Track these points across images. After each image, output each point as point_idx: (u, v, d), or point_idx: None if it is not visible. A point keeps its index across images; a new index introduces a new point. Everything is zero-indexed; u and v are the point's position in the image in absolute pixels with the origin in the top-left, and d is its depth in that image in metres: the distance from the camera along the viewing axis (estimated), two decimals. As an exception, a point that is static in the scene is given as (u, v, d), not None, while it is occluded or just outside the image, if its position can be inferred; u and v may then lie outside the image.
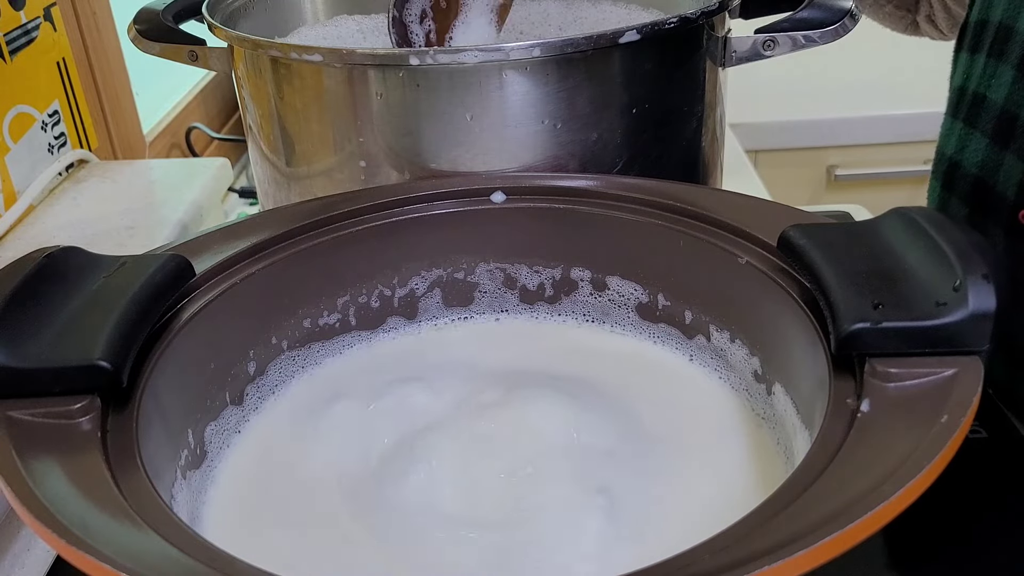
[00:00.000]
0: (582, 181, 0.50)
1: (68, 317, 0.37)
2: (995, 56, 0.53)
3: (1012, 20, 0.52)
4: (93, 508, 0.30)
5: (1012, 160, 0.51)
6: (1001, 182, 0.52)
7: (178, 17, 0.64)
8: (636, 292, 0.50)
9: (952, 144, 0.57)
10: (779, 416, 0.42)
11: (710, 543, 0.28)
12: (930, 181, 0.61)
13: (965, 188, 0.55)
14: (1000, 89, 0.52)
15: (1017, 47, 0.51)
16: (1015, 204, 0.51)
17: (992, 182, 0.53)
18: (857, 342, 0.33)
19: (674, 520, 0.39)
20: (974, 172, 0.54)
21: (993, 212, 0.53)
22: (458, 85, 0.50)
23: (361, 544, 0.38)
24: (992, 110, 0.53)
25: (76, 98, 0.80)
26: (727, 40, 0.57)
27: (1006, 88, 0.52)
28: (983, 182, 0.53)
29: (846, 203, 0.89)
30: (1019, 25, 0.51)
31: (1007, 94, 0.52)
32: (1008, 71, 0.52)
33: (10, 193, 0.71)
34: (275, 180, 0.59)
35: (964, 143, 0.56)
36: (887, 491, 0.28)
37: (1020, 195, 0.50)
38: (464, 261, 0.51)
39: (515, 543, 0.38)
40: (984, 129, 0.54)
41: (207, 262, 0.44)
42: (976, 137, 0.54)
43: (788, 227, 0.40)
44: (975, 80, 0.55)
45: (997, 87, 0.53)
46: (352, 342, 0.50)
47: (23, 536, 0.50)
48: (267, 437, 0.45)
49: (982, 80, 0.54)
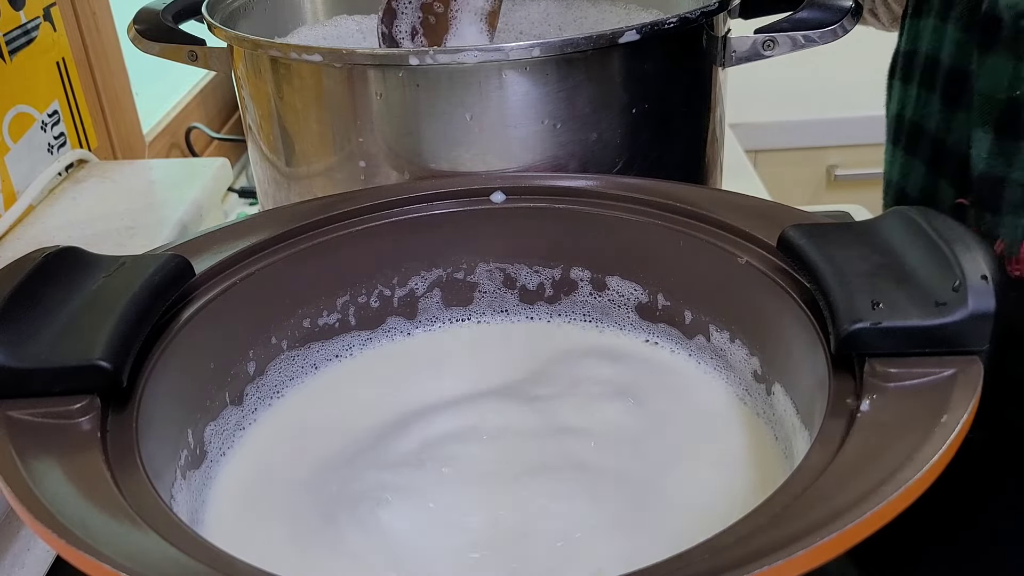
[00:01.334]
0: (582, 181, 0.50)
1: (68, 317, 0.37)
2: (925, 87, 0.56)
3: (936, 52, 0.54)
4: (93, 508, 0.30)
5: (945, 186, 0.54)
6: (939, 208, 0.54)
7: (178, 17, 0.64)
8: (636, 292, 0.50)
9: (896, 172, 0.60)
10: (779, 416, 0.42)
11: (710, 543, 0.28)
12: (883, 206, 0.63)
13: None
14: (931, 119, 0.55)
15: (941, 77, 0.53)
16: None
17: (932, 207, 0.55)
18: (857, 342, 0.33)
19: (674, 520, 0.39)
20: (916, 197, 0.57)
21: None
22: (458, 85, 0.50)
23: (361, 544, 0.38)
24: (926, 138, 0.56)
25: (76, 98, 0.80)
26: (727, 40, 0.57)
27: (935, 118, 0.54)
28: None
29: (846, 203, 0.89)
30: (942, 56, 0.53)
31: (936, 124, 0.54)
32: (936, 101, 0.54)
33: (10, 193, 0.71)
34: (275, 180, 0.59)
35: (906, 171, 0.58)
36: (887, 491, 0.28)
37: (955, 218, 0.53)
38: (464, 261, 0.51)
39: (515, 544, 0.38)
40: (923, 158, 0.56)
41: (207, 262, 0.44)
42: (916, 165, 0.57)
43: (788, 227, 0.40)
44: (911, 109, 0.57)
45: (929, 116, 0.55)
46: (352, 342, 0.50)
47: (23, 536, 0.50)
48: (267, 437, 0.45)
49: (916, 109, 0.57)
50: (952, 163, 0.53)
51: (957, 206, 0.52)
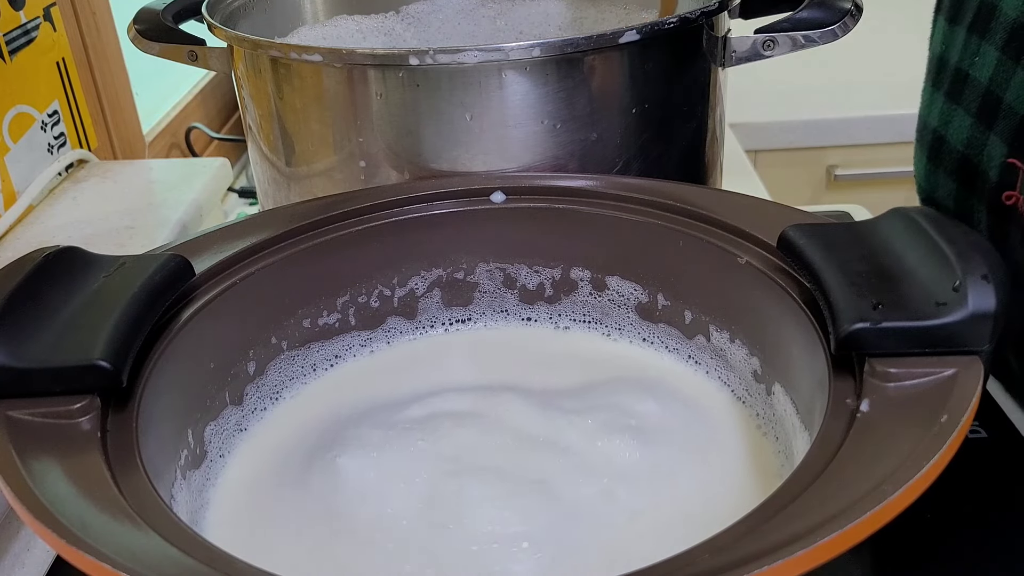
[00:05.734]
0: (582, 181, 0.50)
1: (68, 317, 0.37)
2: (977, 33, 0.53)
3: None
4: (93, 508, 0.30)
5: (996, 141, 0.51)
6: (985, 162, 0.52)
7: (178, 17, 0.64)
8: (636, 292, 0.50)
9: (935, 116, 0.57)
10: (779, 416, 0.42)
11: (710, 543, 0.28)
12: (915, 148, 0.60)
13: (951, 164, 0.55)
14: (984, 69, 0.52)
15: (1001, 27, 0.51)
16: (998, 185, 0.51)
17: (977, 161, 0.53)
18: (857, 342, 0.33)
19: (674, 520, 0.39)
20: (959, 149, 0.54)
21: (978, 190, 0.53)
22: (458, 85, 0.50)
23: (360, 544, 0.38)
24: (976, 89, 0.53)
25: (76, 98, 0.80)
26: (727, 40, 0.57)
27: (990, 69, 0.51)
28: (968, 160, 0.53)
29: (846, 203, 0.88)
30: (1003, 5, 0.50)
31: (991, 75, 0.51)
32: (992, 51, 0.51)
33: (10, 193, 0.71)
34: (275, 180, 0.59)
35: (948, 118, 0.55)
36: (887, 491, 0.28)
37: (1003, 176, 0.50)
38: (464, 261, 0.51)
39: (514, 543, 0.37)
40: (968, 107, 0.53)
41: (207, 262, 0.44)
42: (960, 114, 0.54)
43: (788, 227, 0.40)
44: (956, 53, 0.55)
45: (981, 66, 0.52)
46: (352, 342, 0.50)
47: (23, 536, 0.50)
48: (266, 436, 0.45)
49: (964, 56, 0.54)
50: (1009, 120, 0.50)
51: (1008, 165, 0.50)
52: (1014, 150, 0.49)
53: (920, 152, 0.60)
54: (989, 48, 0.52)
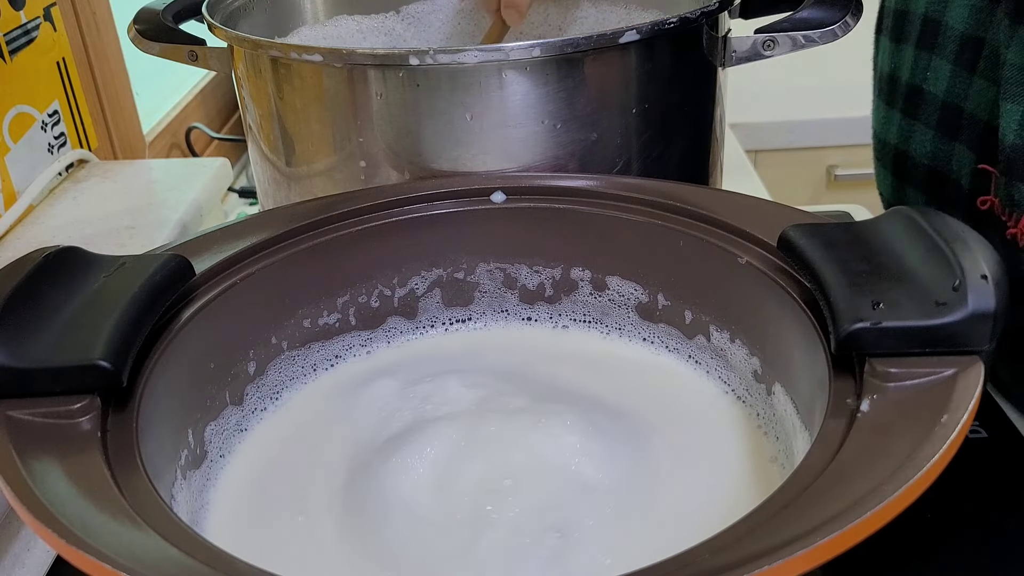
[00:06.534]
0: (582, 181, 0.50)
1: (68, 317, 0.37)
2: (926, 49, 0.53)
3: (939, 14, 0.52)
4: (93, 508, 0.30)
5: (962, 150, 0.52)
6: (955, 171, 0.52)
7: (178, 17, 0.64)
8: (636, 292, 0.50)
9: (894, 134, 0.57)
10: (779, 416, 0.42)
11: (710, 543, 0.28)
12: (876, 168, 0.61)
13: (919, 177, 0.56)
14: (939, 83, 0.52)
15: (950, 41, 0.51)
16: (971, 191, 0.51)
17: (946, 171, 0.53)
18: (857, 342, 0.33)
19: (673, 520, 0.39)
20: (925, 163, 0.54)
21: (950, 199, 0.53)
22: (458, 85, 0.50)
23: (359, 544, 0.38)
24: (933, 103, 0.53)
25: (76, 98, 0.80)
26: (727, 40, 0.57)
27: (945, 82, 0.52)
28: (936, 172, 0.54)
29: (846, 203, 0.88)
30: (948, 19, 0.51)
31: (947, 87, 0.52)
32: (944, 65, 0.52)
33: (10, 193, 0.71)
34: (275, 180, 0.59)
35: (908, 134, 0.56)
36: (887, 491, 0.28)
37: (974, 183, 0.51)
38: (464, 261, 0.51)
39: (515, 543, 0.38)
40: (927, 121, 0.54)
41: (207, 262, 0.44)
42: (920, 128, 0.54)
43: (788, 227, 0.40)
44: (907, 71, 0.55)
45: (934, 80, 0.53)
46: (352, 342, 0.50)
47: (23, 536, 0.50)
48: (266, 436, 0.45)
49: (915, 72, 0.54)
50: (974, 129, 0.51)
51: (979, 171, 0.50)
52: (982, 156, 0.50)
53: (883, 171, 0.60)
54: (941, 62, 0.52)
